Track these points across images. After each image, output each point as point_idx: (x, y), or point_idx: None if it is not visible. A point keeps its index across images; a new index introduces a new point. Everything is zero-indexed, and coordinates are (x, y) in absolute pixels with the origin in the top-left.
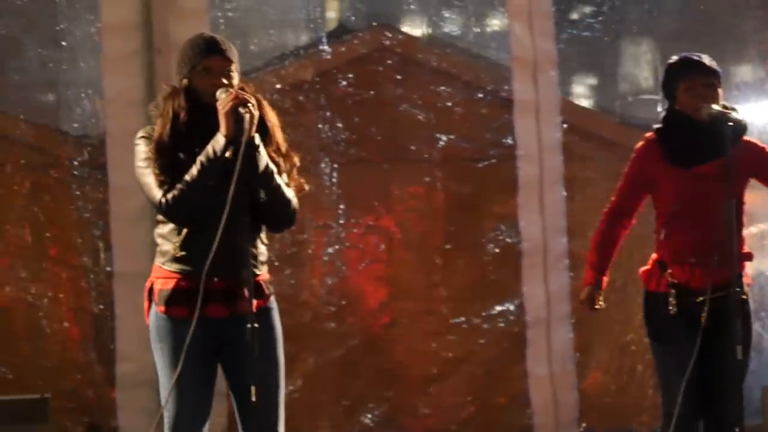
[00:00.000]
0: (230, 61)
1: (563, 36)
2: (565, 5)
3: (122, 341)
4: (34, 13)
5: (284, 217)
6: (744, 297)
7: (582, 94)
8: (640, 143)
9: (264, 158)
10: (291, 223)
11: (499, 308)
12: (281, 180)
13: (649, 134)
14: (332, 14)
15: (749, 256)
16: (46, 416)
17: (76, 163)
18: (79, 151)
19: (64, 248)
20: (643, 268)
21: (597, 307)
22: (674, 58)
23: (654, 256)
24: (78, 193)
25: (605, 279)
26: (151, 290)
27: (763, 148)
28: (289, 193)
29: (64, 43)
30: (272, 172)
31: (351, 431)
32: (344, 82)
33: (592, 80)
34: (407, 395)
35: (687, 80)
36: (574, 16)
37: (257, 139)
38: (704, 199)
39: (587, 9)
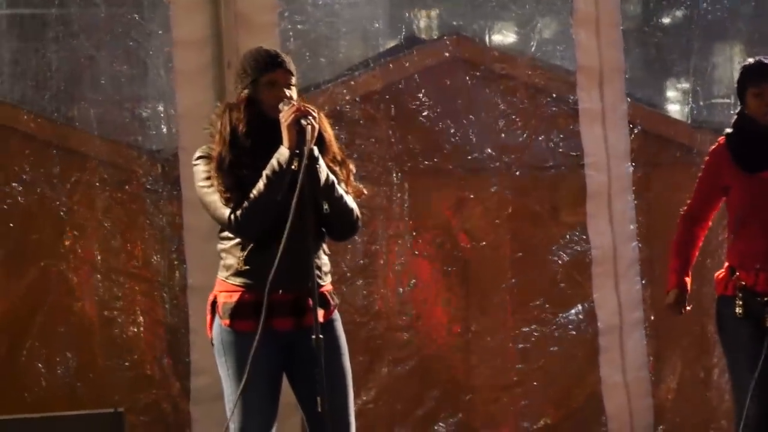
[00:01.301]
0: (291, 74)
1: (641, 40)
2: (647, 10)
3: (197, 354)
4: (108, 30)
5: (348, 226)
6: None
7: (662, 100)
8: (713, 147)
9: (324, 170)
10: (354, 232)
11: (570, 316)
12: (342, 189)
13: (721, 138)
14: (402, 25)
15: None
16: (122, 430)
17: (150, 178)
18: (153, 165)
19: (139, 263)
20: (717, 273)
21: (684, 311)
22: (749, 61)
23: (726, 262)
24: (152, 207)
25: (688, 281)
26: (214, 304)
27: None
28: (351, 201)
29: (137, 59)
30: (333, 182)
31: None
32: (414, 93)
33: (668, 85)
34: (481, 404)
35: (756, 85)
36: (659, 20)
37: (316, 151)
38: (766, 205)
39: (674, 12)
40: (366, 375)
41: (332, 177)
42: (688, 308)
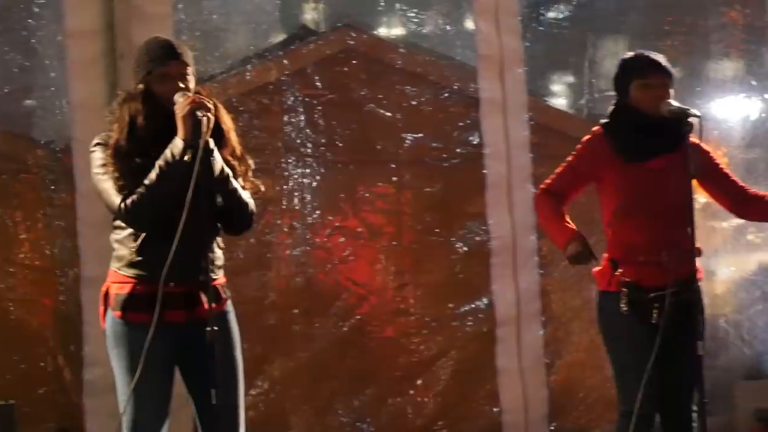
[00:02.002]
0: (186, 65)
1: (530, 34)
2: (534, 3)
3: (90, 346)
4: (0, 20)
5: (242, 221)
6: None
7: (551, 93)
8: (587, 136)
9: (219, 162)
10: (249, 227)
11: (469, 306)
12: (237, 184)
13: (596, 128)
14: (297, 16)
15: (699, 252)
16: (14, 423)
17: (44, 168)
18: (47, 156)
19: (34, 253)
20: (595, 268)
21: (593, 257)
22: (629, 54)
23: (605, 255)
24: (46, 198)
25: (576, 231)
26: (107, 295)
27: (707, 152)
28: (246, 196)
29: (31, 50)
30: (228, 175)
31: None
32: (309, 84)
33: (560, 78)
34: (378, 396)
35: (644, 77)
36: (544, 13)
37: (211, 144)
38: (652, 195)
39: (557, 6)
40: (259, 366)
41: (227, 170)
42: (596, 257)
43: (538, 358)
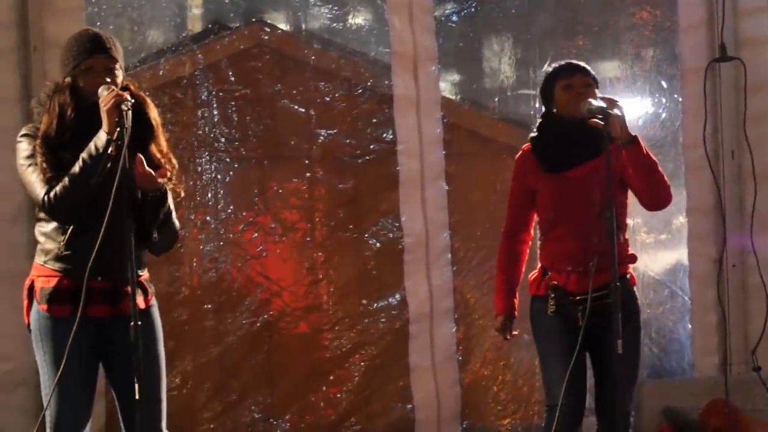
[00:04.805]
0: (114, 60)
1: (439, 31)
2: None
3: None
4: None
5: (168, 249)
6: (628, 296)
7: (457, 91)
8: (518, 155)
9: (168, 205)
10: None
11: (382, 303)
12: (174, 217)
13: (525, 145)
14: (209, 10)
15: (633, 258)
16: None
17: None
18: None
19: None
20: (531, 275)
21: (509, 337)
22: (553, 65)
23: (538, 263)
24: None
25: (516, 302)
26: (31, 288)
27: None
28: (177, 225)
29: None
30: (170, 213)
31: (233, 429)
32: (223, 79)
33: (468, 76)
34: (290, 391)
35: (565, 78)
36: (450, 9)
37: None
38: (575, 205)
39: (463, 3)
40: (170, 362)
41: (171, 205)
42: (514, 333)
43: (451, 355)
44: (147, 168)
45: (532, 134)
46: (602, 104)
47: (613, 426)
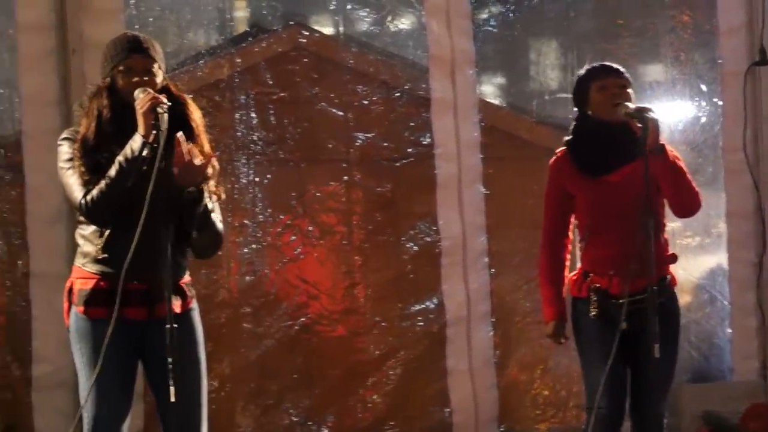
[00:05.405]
0: (152, 60)
1: (479, 35)
2: (480, 3)
3: (39, 342)
4: None
5: (212, 251)
6: (664, 298)
7: (497, 94)
8: (552, 160)
9: (204, 204)
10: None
11: (419, 306)
12: (217, 218)
13: (559, 149)
14: (247, 13)
15: (674, 258)
16: None
17: None
18: None
19: None
20: (571, 275)
21: (563, 341)
22: (585, 67)
23: (579, 266)
24: None
25: (564, 307)
26: (70, 291)
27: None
28: (219, 226)
29: None
30: (209, 213)
31: (271, 431)
32: (261, 82)
33: (507, 80)
34: (327, 395)
35: (600, 79)
36: (489, 13)
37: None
38: (615, 209)
39: (503, 7)
40: (209, 364)
41: (211, 204)
42: (568, 336)
43: (488, 359)
44: (185, 152)
45: (567, 137)
46: (639, 107)
47: (647, 429)
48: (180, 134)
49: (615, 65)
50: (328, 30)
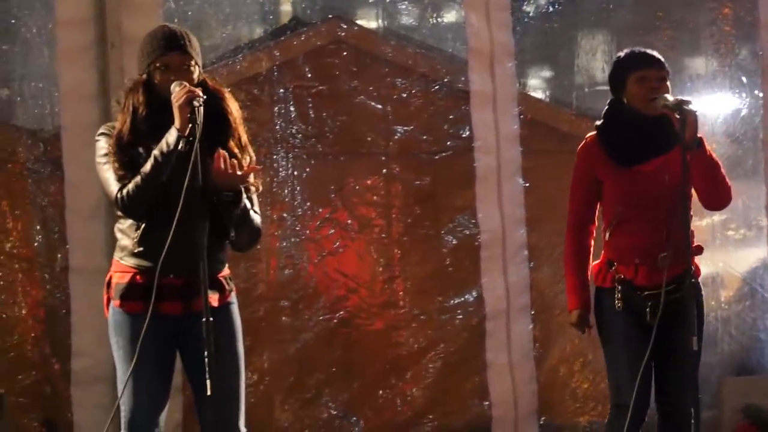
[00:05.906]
0: (190, 56)
1: (519, 27)
2: None
3: (78, 336)
4: None
5: (251, 245)
6: (695, 290)
7: (538, 86)
8: (581, 145)
9: (243, 204)
10: (254, 246)
11: (458, 300)
12: (255, 213)
13: (589, 135)
14: (287, 7)
15: (699, 250)
16: (2, 412)
17: (31, 157)
18: (35, 145)
19: (20, 243)
20: (594, 263)
21: (588, 330)
22: (624, 51)
23: (603, 253)
24: (34, 187)
25: (588, 296)
26: (109, 284)
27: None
28: (258, 220)
29: (18, 38)
30: (248, 211)
31: (310, 425)
32: (300, 75)
33: (548, 72)
34: (366, 389)
35: (640, 71)
36: (530, 7)
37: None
38: (646, 198)
39: (543, 0)
40: (247, 358)
41: (248, 203)
42: (591, 326)
43: (528, 352)
44: (227, 165)
45: (598, 122)
46: (678, 100)
47: (685, 424)
48: (222, 152)
49: (656, 55)
50: (368, 24)
